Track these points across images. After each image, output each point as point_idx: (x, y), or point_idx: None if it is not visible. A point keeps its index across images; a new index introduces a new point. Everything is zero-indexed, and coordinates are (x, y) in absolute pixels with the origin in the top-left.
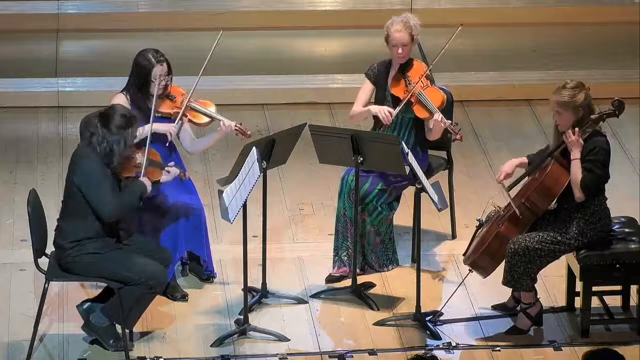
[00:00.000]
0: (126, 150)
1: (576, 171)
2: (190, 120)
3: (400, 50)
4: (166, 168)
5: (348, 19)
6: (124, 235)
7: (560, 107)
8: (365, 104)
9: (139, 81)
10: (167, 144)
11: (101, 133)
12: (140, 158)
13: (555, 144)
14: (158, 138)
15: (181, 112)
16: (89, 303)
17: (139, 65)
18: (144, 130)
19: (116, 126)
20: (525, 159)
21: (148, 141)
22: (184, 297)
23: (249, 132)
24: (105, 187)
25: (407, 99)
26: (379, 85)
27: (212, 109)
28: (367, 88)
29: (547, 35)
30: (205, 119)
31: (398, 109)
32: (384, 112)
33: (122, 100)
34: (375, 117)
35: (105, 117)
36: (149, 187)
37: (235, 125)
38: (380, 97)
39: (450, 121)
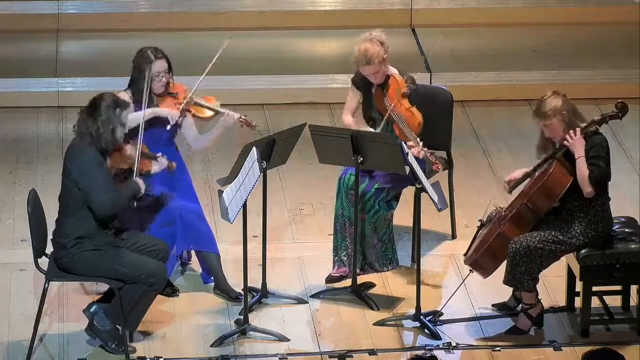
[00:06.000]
0: (119, 133)
1: (582, 168)
2: (194, 115)
3: (373, 78)
4: (157, 158)
5: (348, 19)
6: (120, 231)
7: (545, 119)
8: (354, 111)
9: (140, 79)
10: (167, 127)
11: (93, 115)
12: (131, 150)
13: (557, 146)
14: (158, 122)
15: (182, 105)
16: (95, 306)
17: (139, 63)
18: (140, 115)
19: (106, 106)
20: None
21: (140, 133)
22: (175, 292)
23: (254, 123)
24: (100, 181)
25: (385, 119)
26: (364, 92)
27: (215, 104)
28: (354, 95)
29: (547, 35)
30: (209, 113)
31: (379, 129)
32: None
33: (125, 97)
34: (370, 120)
35: (95, 100)
36: (142, 187)
37: (240, 117)
38: (367, 104)
39: (426, 149)
